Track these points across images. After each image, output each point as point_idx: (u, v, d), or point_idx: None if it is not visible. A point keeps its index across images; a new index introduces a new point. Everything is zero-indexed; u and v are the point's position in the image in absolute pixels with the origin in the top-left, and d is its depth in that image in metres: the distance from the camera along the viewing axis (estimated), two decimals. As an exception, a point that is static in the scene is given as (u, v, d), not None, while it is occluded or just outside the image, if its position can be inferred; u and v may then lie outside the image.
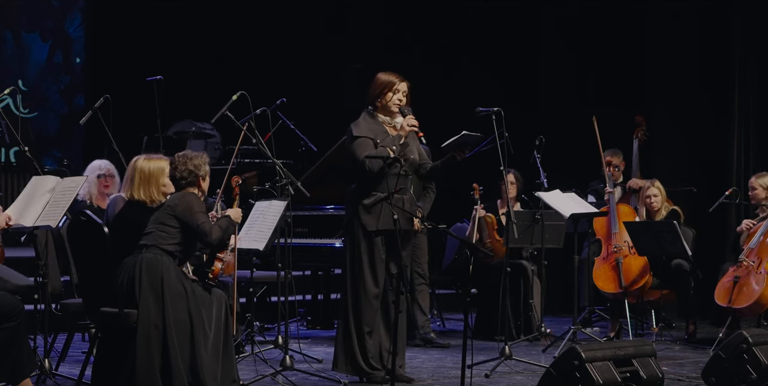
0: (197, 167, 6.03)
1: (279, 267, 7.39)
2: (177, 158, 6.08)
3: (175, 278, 5.77)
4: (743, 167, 10.61)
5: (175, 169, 6.04)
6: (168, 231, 5.87)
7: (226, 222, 6.06)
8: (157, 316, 5.68)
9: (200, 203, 5.99)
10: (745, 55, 10.69)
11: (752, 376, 6.33)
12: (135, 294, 5.72)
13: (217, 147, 10.90)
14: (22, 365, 5.96)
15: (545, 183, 8.79)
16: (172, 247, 5.87)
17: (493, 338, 8.37)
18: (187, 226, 5.88)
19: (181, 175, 6.02)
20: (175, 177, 6.04)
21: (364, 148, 6.59)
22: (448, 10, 11.81)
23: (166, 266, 5.79)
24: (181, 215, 5.88)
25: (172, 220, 5.88)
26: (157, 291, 5.71)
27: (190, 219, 5.87)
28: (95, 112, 7.67)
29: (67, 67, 11.91)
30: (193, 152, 6.16)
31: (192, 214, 5.88)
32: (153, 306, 5.69)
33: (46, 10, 11.92)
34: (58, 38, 11.91)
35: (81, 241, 5.97)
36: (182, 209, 5.89)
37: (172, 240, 5.87)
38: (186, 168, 6.01)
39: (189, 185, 6.03)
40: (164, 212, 5.94)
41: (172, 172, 6.06)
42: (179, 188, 6.06)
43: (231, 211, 6.26)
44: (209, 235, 5.90)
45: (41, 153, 11.22)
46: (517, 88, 11.54)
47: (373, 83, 6.76)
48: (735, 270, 8.43)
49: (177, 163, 6.05)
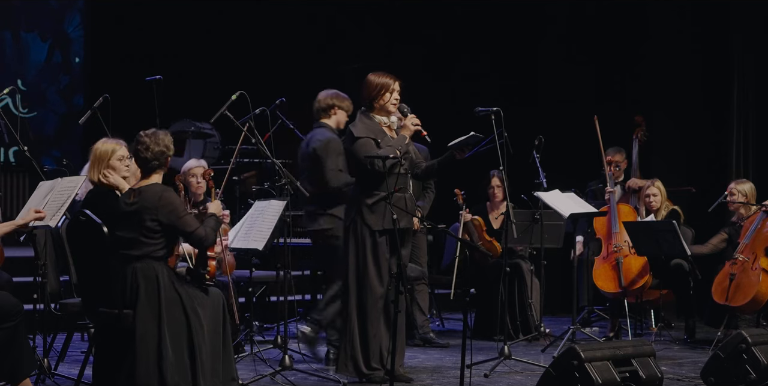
0: (168, 147, 5.77)
1: (278, 267, 7.40)
2: (145, 137, 5.75)
3: (169, 285, 5.70)
4: (742, 167, 10.62)
5: (146, 149, 5.73)
6: (153, 237, 5.69)
7: (214, 221, 5.91)
8: (154, 319, 5.66)
9: (181, 202, 5.82)
10: (744, 55, 10.69)
11: (751, 376, 6.33)
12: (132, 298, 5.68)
13: (217, 147, 10.89)
14: (22, 365, 5.96)
15: (544, 183, 8.79)
16: (161, 253, 5.74)
17: (492, 338, 8.37)
18: (173, 229, 5.72)
19: (153, 155, 5.73)
20: (147, 158, 5.75)
21: (367, 148, 6.63)
22: (447, 9, 11.82)
23: (161, 273, 5.69)
24: (167, 219, 5.67)
25: (154, 224, 5.68)
26: (153, 298, 5.67)
27: (180, 225, 5.70)
28: (94, 111, 7.67)
29: (66, 67, 11.91)
30: (159, 130, 5.83)
31: (180, 219, 5.69)
32: (150, 311, 5.67)
33: (46, 10, 11.92)
34: (58, 38, 11.91)
35: (80, 241, 5.96)
36: (166, 212, 5.67)
37: (159, 246, 5.71)
38: (158, 148, 5.74)
39: (159, 167, 5.77)
40: (143, 215, 5.68)
41: (143, 153, 5.75)
42: (148, 170, 5.78)
43: (211, 207, 6.05)
44: (205, 240, 5.80)
45: (40, 153, 11.23)
46: (517, 89, 11.54)
47: (367, 85, 6.81)
48: (731, 267, 8.44)
49: (148, 143, 5.74)
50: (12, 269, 7.24)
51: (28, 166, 7.20)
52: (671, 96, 10.95)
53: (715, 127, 10.85)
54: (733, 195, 8.86)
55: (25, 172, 10.99)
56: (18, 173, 11.10)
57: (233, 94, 7.01)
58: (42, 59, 11.79)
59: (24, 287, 6.93)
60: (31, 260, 6.66)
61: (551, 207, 8.38)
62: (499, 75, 11.72)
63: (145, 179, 5.83)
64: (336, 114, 7.66)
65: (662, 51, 10.97)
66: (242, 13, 11.84)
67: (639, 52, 11.13)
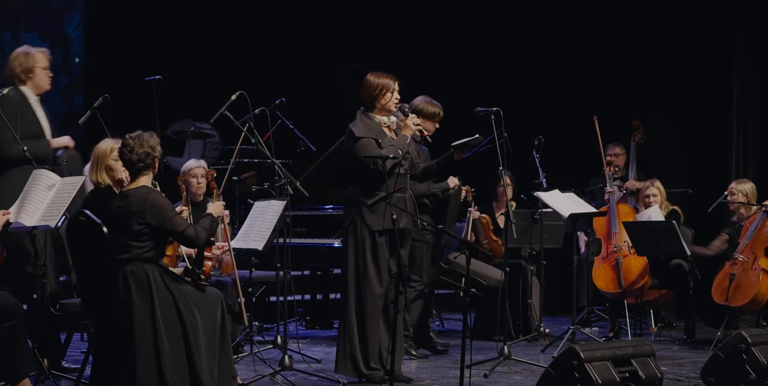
0: (153, 148, 5.76)
1: (278, 267, 7.39)
2: (130, 139, 5.75)
3: (162, 286, 5.70)
4: (742, 167, 10.61)
5: (131, 151, 5.73)
6: (141, 240, 5.69)
7: (209, 222, 5.93)
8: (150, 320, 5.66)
9: (168, 203, 5.81)
10: (744, 55, 10.69)
11: (751, 376, 6.33)
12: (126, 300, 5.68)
13: (216, 147, 10.89)
14: (22, 365, 5.96)
15: (544, 183, 8.79)
16: (150, 254, 5.74)
17: (492, 338, 8.37)
18: (162, 231, 5.71)
19: (138, 157, 5.72)
20: (132, 160, 5.75)
21: (369, 148, 6.65)
22: (447, 9, 11.81)
23: (153, 275, 5.70)
24: (154, 221, 5.67)
25: (141, 227, 5.68)
26: (146, 299, 5.67)
27: (169, 226, 5.70)
28: (94, 112, 7.66)
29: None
30: (144, 132, 5.84)
31: (168, 220, 5.69)
32: (145, 312, 5.67)
33: (45, 10, 11.91)
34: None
35: (80, 241, 5.96)
36: (153, 214, 5.67)
37: (147, 248, 5.71)
38: (143, 150, 5.73)
39: (145, 169, 5.76)
40: (130, 219, 5.68)
41: (128, 155, 5.75)
42: (134, 172, 5.78)
43: (211, 207, 6.09)
44: (196, 240, 5.80)
45: (40, 153, 11.23)
46: (517, 89, 11.54)
47: (366, 85, 6.83)
48: (731, 267, 8.44)
49: (132, 145, 5.73)
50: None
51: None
52: (671, 96, 10.94)
53: (715, 127, 10.84)
54: (733, 195, 8.86)
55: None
56: (18, 173, 11.08)
57: (233, 94, 7.02)
58: (42, 59, 11.78)
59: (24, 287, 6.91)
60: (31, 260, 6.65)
61: (551, 207, 8.39)
62: (499, 75, 11.72)
63: (133, 183, 5.84)
64: None
65: (662, 51, 10.96)
66: (242, 13, 11.83)
67: (639, 52, 11.13)
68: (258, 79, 10.57)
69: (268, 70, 11.46)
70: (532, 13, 11.69)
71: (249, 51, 11.71)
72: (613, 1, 11.11)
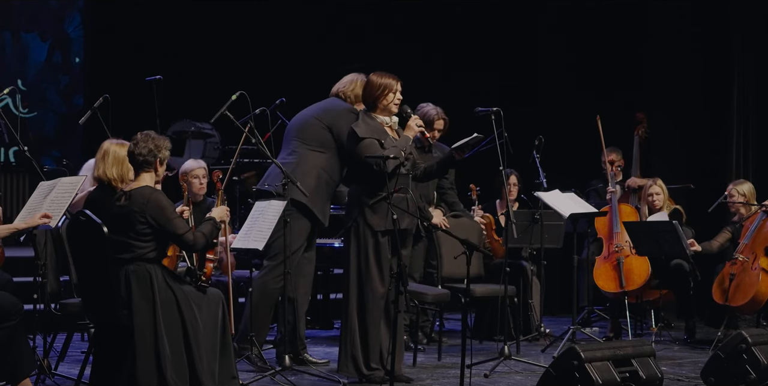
0: (157, 148, 5.80)
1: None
2: (140, 134, 5.85)
3: (164, 286, 5.71)
4: (742, 167, 10.62)
5: (136, 144, 5.80)
6: (143, 240, 5.70)
7: (210, 227, 5.91)
8: (151, 320, 5.66)
9: (170, 204, 5.81)
10: (744, 55, 10.69)
11: (751, 376, 6.33)
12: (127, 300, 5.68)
13: (217, 147, 10.89)
14: (22, 364, 5.96)
15: (544, 183, 8.79)
16: (153, 254, 5.74)
17: (493, 338, 8.36)
18: (162, 230, 5.71)
19: (140, 151, 5.77)
20: (134, 153, 5.79)
21: (372, 149, 6.64)
22: (447, 9, 11.81)
23: (155, 275, 5.70)
24: (155, 220, 5.68)
25: (143, 226, 5.69)
26: (147, 299, 5.67)
27: (170, 228, 5.70)
28: (94, 112, 7.67)
29: (66, 67, 11.90)
30: (157, 134, 5.91)
31: (168, 221, 5.70)
32: (146, 311, 5.67)
33: (46, 10, 11.91)
34: (57, 38, 11.91)
35: (80, 241, 5.96)
36: (155, 214, 5.67)
37: (150, 248, 5.72)
38: (146, 145, 5.77)
39: (145, 164, 5.78)
40: (132, 217, 5.69)
41: (132, 147, 5.81)
42: (137, 166, 5.81)
43: (215, 211, 6.08)
44: (194, 245, 5.80)
45: (40, 153, 11.23)
46: (517, 89, 11.54)
47: (369, 85, 6.82)
48: (731, 267, 8.44)
49: (138, 139, 5.81)
50: (12, 269, 7.23)
51: (28, 166, 7.20)
52: (671, 96, 10.94)
53: (715, 127, 10.85)
54: (732, 196, 8.86)
55: (25, 172, 10.98)
56: (18, 173, 11.09)
57: (233, 94, 7.01)
58: (42, 59, 11.78)
59: (24, 287, 6.92)
60: (31, 261, 6.66)
61: (551, 207, 8.38)
62: (499, 75, 11.72)
63: (135, 182, 5.86)
64: None
65: (662, 51, 10.96)
66: (242, 13, 11.83)
67: (639, 52, 11.13)
68: (258, 79, 10.57)
69: (268, 70, 11.46)
70: (532, 13, 11.70)
71: (249, 51, 11.71)
72: (613, 1, 11.11)
